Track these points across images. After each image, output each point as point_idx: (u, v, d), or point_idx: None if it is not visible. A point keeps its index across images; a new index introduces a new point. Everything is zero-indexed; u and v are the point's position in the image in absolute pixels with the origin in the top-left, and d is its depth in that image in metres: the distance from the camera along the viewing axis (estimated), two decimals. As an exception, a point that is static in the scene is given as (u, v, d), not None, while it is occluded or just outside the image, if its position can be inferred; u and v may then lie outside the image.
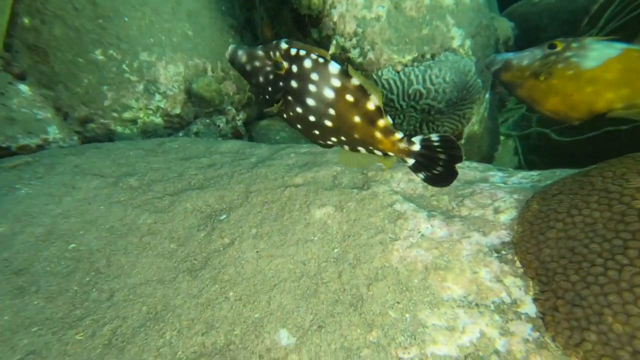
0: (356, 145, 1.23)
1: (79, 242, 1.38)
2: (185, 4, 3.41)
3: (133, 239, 1.44)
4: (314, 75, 1.13)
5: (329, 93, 1.13)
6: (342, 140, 1.23)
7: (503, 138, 3.99)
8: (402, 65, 2.65)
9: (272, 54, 1.18)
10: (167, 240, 1.48)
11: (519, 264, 1.15)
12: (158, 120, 3.47)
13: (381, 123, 1.14)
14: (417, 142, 1.16)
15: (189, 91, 3.49)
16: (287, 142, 3.36)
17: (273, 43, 1.18)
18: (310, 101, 1.15)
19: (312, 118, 1.18)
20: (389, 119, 1.16)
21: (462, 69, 2.55)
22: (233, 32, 3.84)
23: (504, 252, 1.21)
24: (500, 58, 1.93)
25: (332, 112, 1.15)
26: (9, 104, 2.69)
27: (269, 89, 1.21)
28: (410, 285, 1.25)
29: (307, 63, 1.13)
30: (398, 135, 1.16)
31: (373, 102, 1.13)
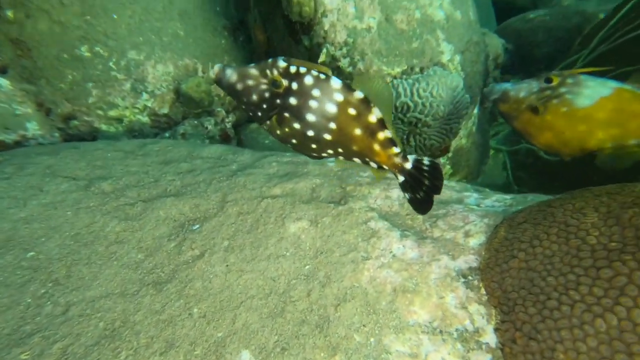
0: (352, 157, 1.25)
1: (38, 250, 1.33)
2: (178, 3, 3.37)
3: (98, 247, 1.40)
4: (316, 92, 1.14)
5: (331, 108, 1.14)
6: (339, 152, 1.25)
7: (493, 152, 4.01)
8: (391, 77, 2.65)
9: (268, 72, 1.17)
10: (134, 250, 1.44)
11: (484, 290, 1.14)
12: (145, 119, 3.42)
13: (381, 136, 1.17)
14: (410, 161, 1.19)
15: (178, 91, 3.45)
16: (274, 147, 3.33)
17: (269, 61, 1.18)
18: (310, 117, 1.16)
19: (310, 133, 1.19)
20: (389, 133, 1.17)
21: (450, 84, 2.55)
22: (226, 33, 3.81)
23: (470, 277, 1.20)
24: (498, 88, 1.95)
25: (333, 125, 1.17)
26: (-13, 97, 2.62)
27: (263, 107, 1.20)
28: (377, 307, 1.23)
29: (308, 80, 1.14)
30: (395, 149, 1.18)
31: (375, 115, 1.15)
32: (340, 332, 1.18)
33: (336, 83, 1.14)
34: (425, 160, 1.19)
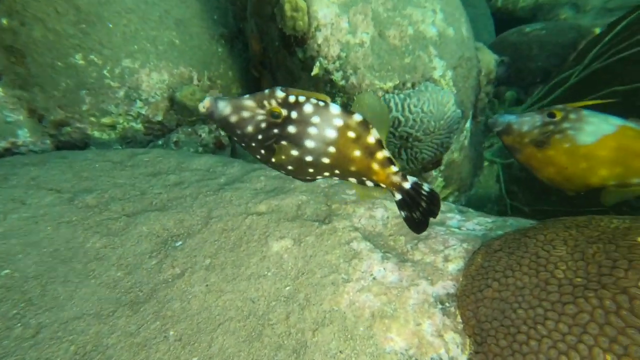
0: (349, 177, 1.26)
1: (14, 268, 1.32)
2: (174, 12, 3.39)
3: (77, 265, 1.38)
4: (315, 119, 1.16)
5: (332, 133, 1.16)
6: (336, 174, 1.26)
7: (487, 164, 4.01)
8: (383, 91, 2.66)
9: (266, 103, 1.17)
10: (114, 268, 1.43)
11: (460, 318, 1.13)
12: (138, 126, 3.42)
13: (380, 155, 1.18)
14: (409, 181, 1.21)
15: (173, 99, 3.45)
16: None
17: (266, 92, 1.18)
18: (310, 143, 1.18)
19: (309, 158, 1.20)
20: (387, 152, 1.20)
21: (441, 100, 2.56)
22: (223, 41, 3.82)
23: (447, 304, 1.19)
24: (502, 120, 1.93)
25: (333, 149, 1.18)
26: (-21, 104, 2.62)
27: (259, 138, 1.20)
28: (355, 333, 1.22)
29: (308, 108, 1.16)
30: (394, 168, 1.19)
31: (373, 136, 1.17)
32: (317, 359, 1.17)
33: (335, 109, 1.16)
34: (425, 186, 1.20)
